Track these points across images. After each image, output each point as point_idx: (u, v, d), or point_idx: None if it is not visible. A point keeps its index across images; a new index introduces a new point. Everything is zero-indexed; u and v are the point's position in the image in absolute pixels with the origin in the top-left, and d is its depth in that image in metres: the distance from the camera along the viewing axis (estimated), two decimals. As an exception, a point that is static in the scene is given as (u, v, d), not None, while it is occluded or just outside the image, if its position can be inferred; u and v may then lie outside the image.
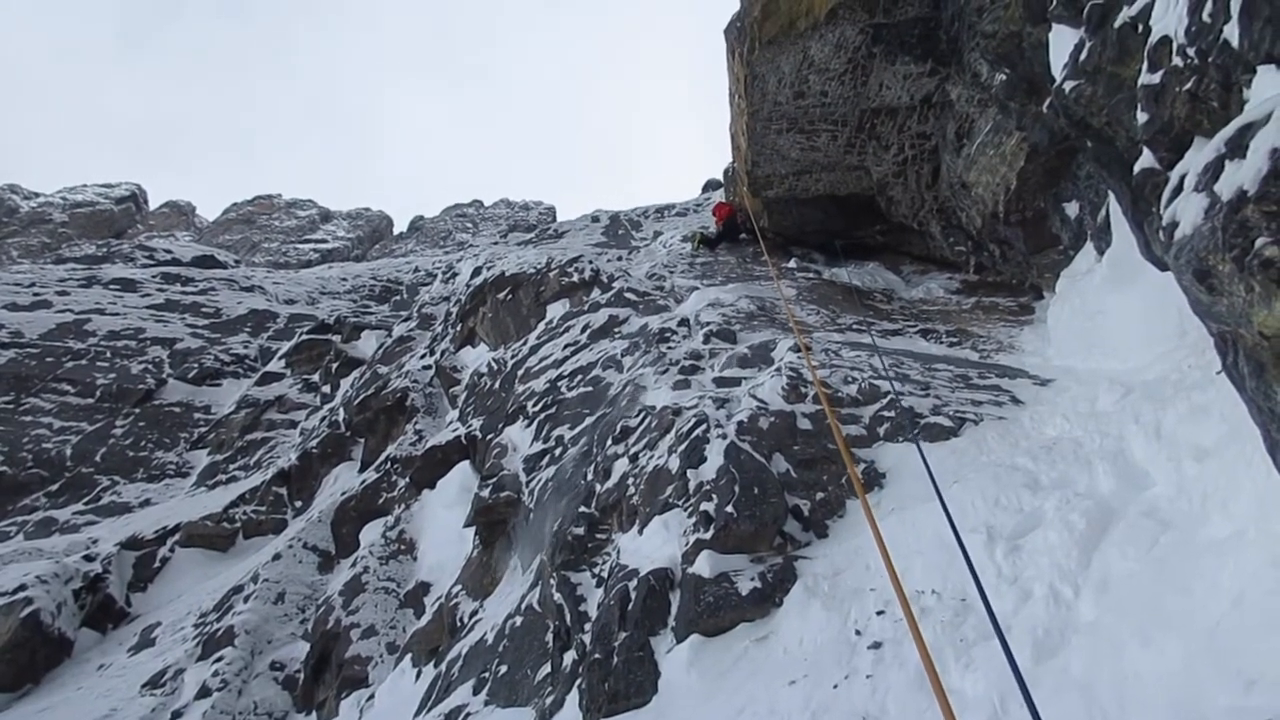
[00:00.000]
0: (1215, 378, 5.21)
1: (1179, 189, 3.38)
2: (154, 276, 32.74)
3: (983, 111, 12.05)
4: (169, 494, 20.33)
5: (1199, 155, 3.40)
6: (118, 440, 22.10)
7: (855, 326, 11.94)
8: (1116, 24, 5.43)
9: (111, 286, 30.95)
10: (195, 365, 25.83)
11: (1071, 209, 10.49)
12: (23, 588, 13.77)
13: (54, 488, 20.32)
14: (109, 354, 25.64)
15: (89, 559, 15.26)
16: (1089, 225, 9.83)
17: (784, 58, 14.40)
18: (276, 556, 13.90)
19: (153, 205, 76.08)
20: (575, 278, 16.41)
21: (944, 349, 10.82)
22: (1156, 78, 4.39)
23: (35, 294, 29.05)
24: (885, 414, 7.68)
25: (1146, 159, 4.68)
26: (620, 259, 20.70)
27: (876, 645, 4.74)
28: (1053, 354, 9.50)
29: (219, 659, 11.60)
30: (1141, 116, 4.55)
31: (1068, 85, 6.06)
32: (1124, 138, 5.52)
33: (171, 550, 16.31)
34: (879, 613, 5.04)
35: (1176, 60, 4.22)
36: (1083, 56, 5.94)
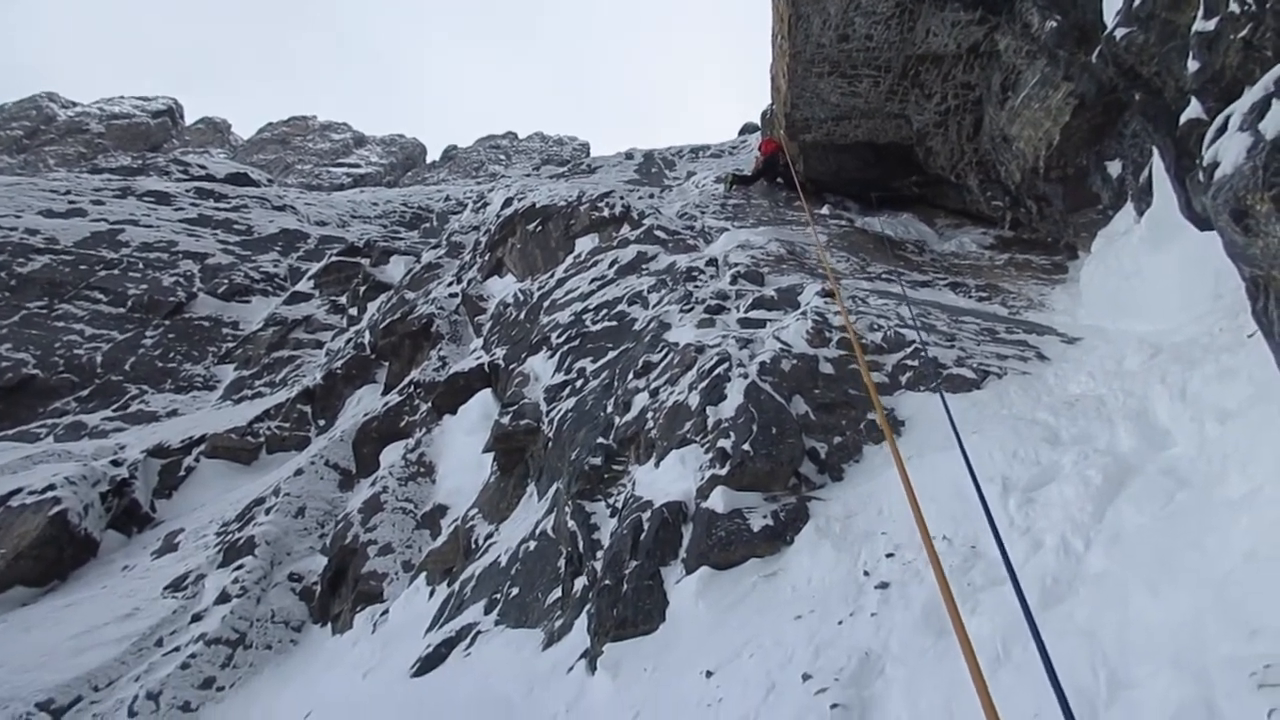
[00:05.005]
0: (1246, 341, 5.16)
1: (1223, 129, 3.31)
2: (188, 191, 32.86)
3: (1030, 63, 11.76)
4: (195, 405, 20.63)
5: (1247, 98, 3.33)
6: (147, 350, 22.39)
7: (884, 276, 11.85)
8: (1174, -33, 5.28)
9: (146, 198, 31.09)
10: (225, 281, 26.00)
11: (1114, 168, 10.29)
12: (51, 487, 14.07)
13: (84, 393, 20.66)
14: (141, 265, 25.86)
15: (116, 464, 15.54)
16: (1130, 185, 9.65)
17: (830, -2, 14.10)
18: (298, 472, 14.13)
19: (188, 121, 76.05)
20: (606, 213, 16.34)
21: (972, 303, 10.72)
22: (1211, 24, 4.26)
23: (70, 202, 29.22)
24: (908, 363, 7.67)
25: (1194, 109, 4.57)
26: (652, 197, 20.57)
27: (884, 586, 4.78)
28: (1083, 313, 9.39)
29: (239, 567, 11.87)
30: (1192, 65, 4.42)
31: (1119, 32, 5.90)
32: (1173, 88, 5.38)
33: (196, 460, 16.59)
34: (888, 555, 5.09)
35: (1233, 6, 4.09)
36: (1136, 2, 5.77)
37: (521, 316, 14.90)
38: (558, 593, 7.33)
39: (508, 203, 20.31)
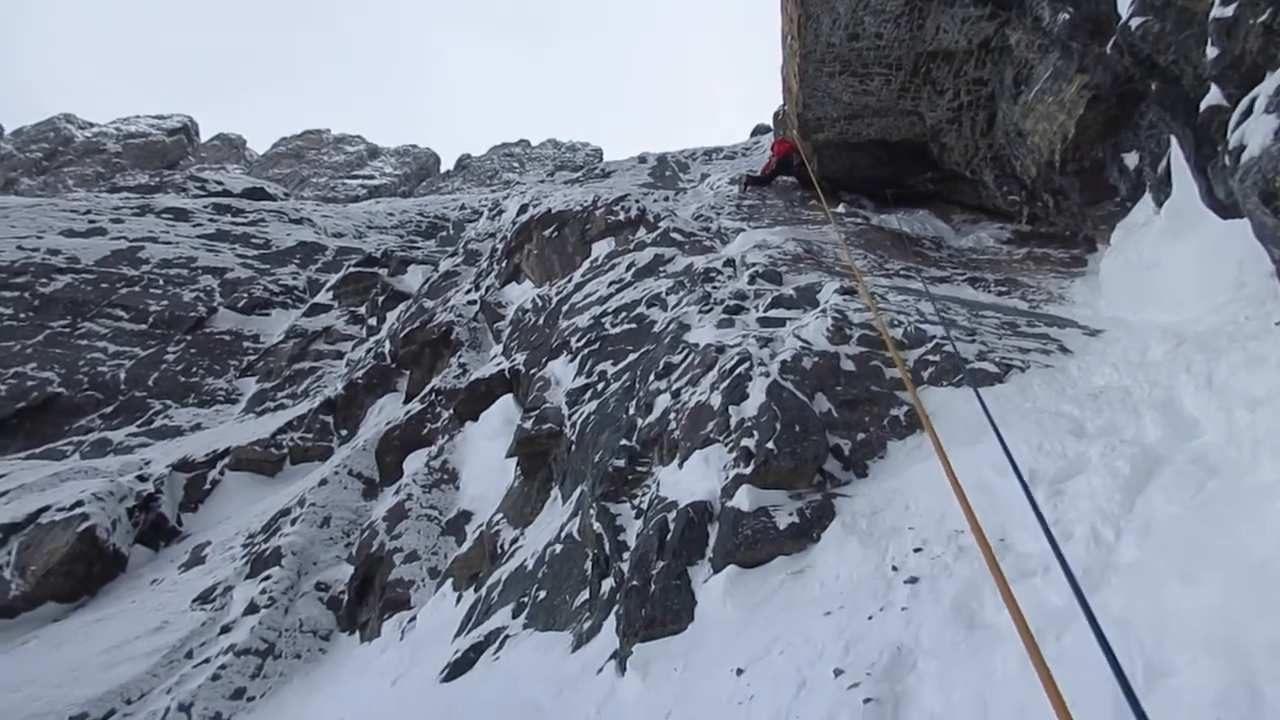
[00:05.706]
0: (1274, 328, 5.12)
1: (1248, 112, 3.30)
2: (205, 207, 33.19)
3: (1043, 57, 11.72)
4: (219, 419, 20.82)
5: (1270, 81, 3.32)
6: (169, 366, 22.62)
7: (902, 272, 11.83)
8: (1189, -44, 5.25)
9: (164, 216, 31.44)
10: (245, 295, 26.26)
11: (1131, 159, 10.22)
12: (79, 504, 14.26)
13: (108, 410, 20.90)
14: (161, 281, 26.15)
15: (142, 479, 15.72)
16: (1148, 176, 9.59)
17: (840, -3, 14.11)
18: (323, 482, 14.23)
19: (204, 138, 76.78)
20: (621, 216, 16.38)
21: (992, 297, 10.68)
22: (1229, 10, 4.24)
23: (91, 221, 29.57)
24: (930, 358, 7.63)
25: (1214, 96, 4.55)
26: (667, 199, 20.59)
27: (913, 580, 4.77)
28: (1104, 306, 9.33)
29: (267, 578, 11.97)
30: (1211, 51, 4.41)
31: (1134, 22, 5.89)
32: (1191, 75, 5.36)
33: (221, 473, 16.76)
34: (916, 550, 5.07)
35: (1252, -9, 4.08)
36: (1152, -9, 5.77)
37: (540, 322, 14.95)
38: (585, 595, 7.36)
39: (523, 209, 20.40)
